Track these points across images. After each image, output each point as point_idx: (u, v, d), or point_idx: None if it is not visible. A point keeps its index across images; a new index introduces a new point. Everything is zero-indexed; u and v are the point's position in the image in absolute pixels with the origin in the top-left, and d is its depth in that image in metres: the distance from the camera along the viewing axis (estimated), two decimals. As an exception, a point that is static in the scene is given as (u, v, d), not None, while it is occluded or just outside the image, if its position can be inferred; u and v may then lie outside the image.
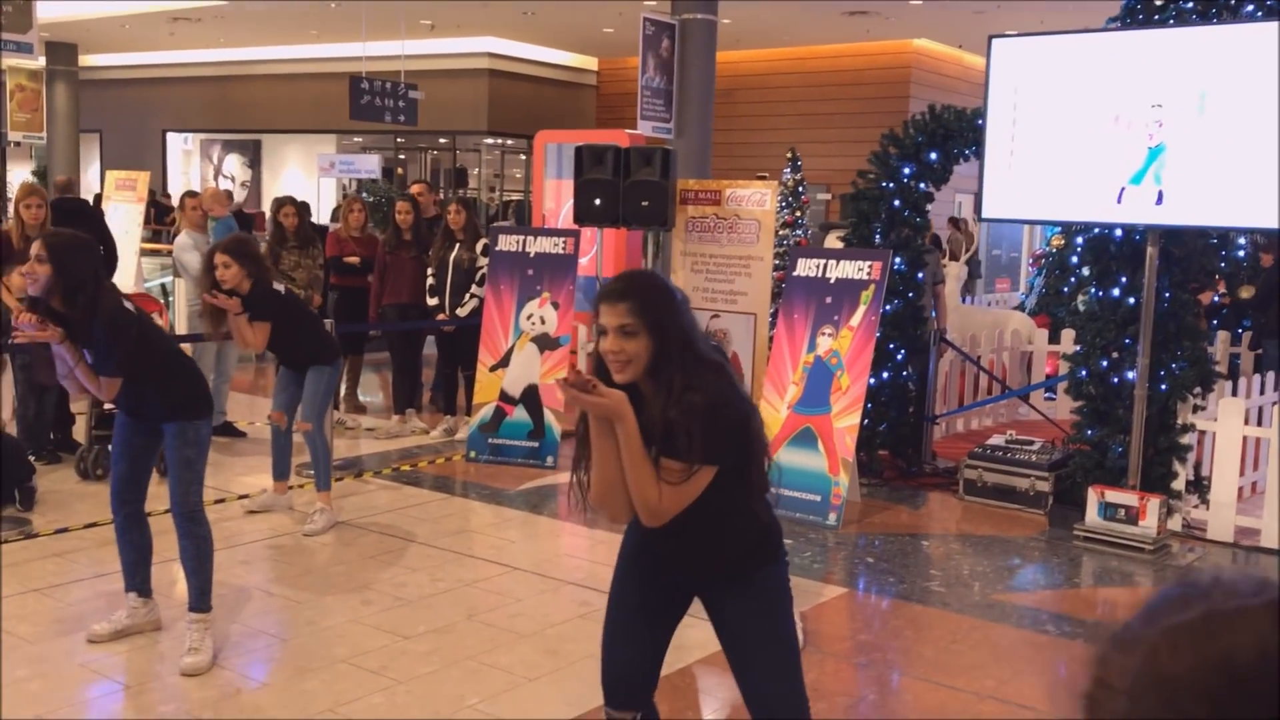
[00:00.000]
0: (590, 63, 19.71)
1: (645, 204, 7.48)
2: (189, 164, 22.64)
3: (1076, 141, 5.89)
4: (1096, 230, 6.30)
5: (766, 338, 7.06)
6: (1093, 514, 6.03)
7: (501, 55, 18.31)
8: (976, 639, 4.67)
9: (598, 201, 7.60)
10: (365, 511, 6.20)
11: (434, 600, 4.88)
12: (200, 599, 4.19)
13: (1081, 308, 9.71)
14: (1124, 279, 6.24)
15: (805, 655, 3.72)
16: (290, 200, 8.09)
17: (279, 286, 5.85)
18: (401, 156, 20.97)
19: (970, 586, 5.33)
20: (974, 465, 6.81)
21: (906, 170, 6.93)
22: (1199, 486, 6.26)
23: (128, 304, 4.16)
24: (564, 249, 7.38)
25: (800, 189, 9.07)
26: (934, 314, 7.52)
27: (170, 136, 22.35)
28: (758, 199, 7.52)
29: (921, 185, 6.98)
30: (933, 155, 6.89)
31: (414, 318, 8.03)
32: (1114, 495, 5.98)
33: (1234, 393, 6.52)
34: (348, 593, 4.94)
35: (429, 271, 7.90)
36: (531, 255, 7.44)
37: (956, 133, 6.79)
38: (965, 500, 6.79)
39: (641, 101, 13.52)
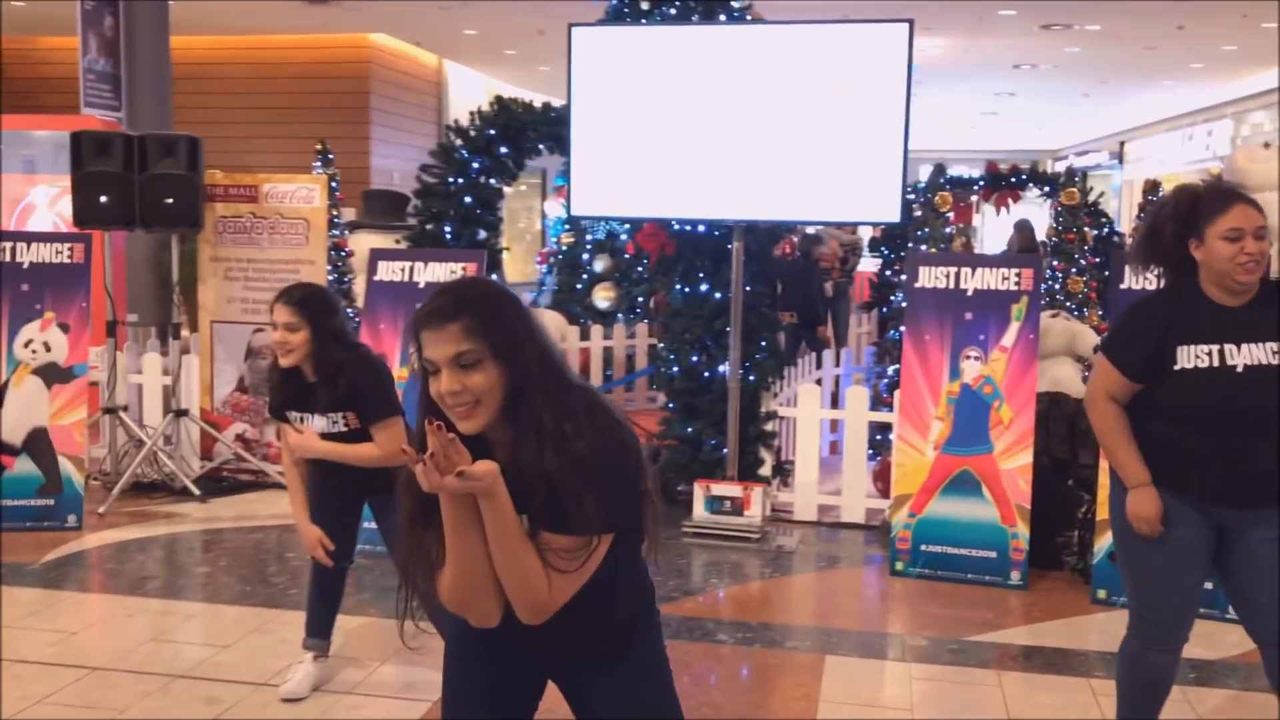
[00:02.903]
0: (-16, 41, 16.80)
1: (169, 201, 6.31)
2: None
3: (664, 137, 5.80)
4: (676, 226, 6.29)
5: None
6: (700, 509, 6.02)
7: None
8: (661, 661, 4.38)
9: (104, 199, 6.28)
10: None
11: (2, 733, 3.63)
12: None
13: (600, 305, 9.90)
14: (702, 274, 6.31)
15: None
16: None
17: None
18: None
19: (619, 603, 5.03)
20: (564, 472, 6.54)
21: (476, 165, 6.47)
22: (781, 471, 6.51)
23: None
24: (70, 257, 5.98)
25: (334, 185, 8.23)
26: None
27: None
28: (304, 195, 6.66)
29: (493, 181, 6.56)
30: (504, 149, 6.49)
31: None
32: (719, 488, 6.01)
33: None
34: None
35: None
36: (25, 266, 5.94)
37: (530, 125, 6.46)
38: (558, 509, 6.50)
39: (85, 85, 11.70)
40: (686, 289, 6.29)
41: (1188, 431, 2.94)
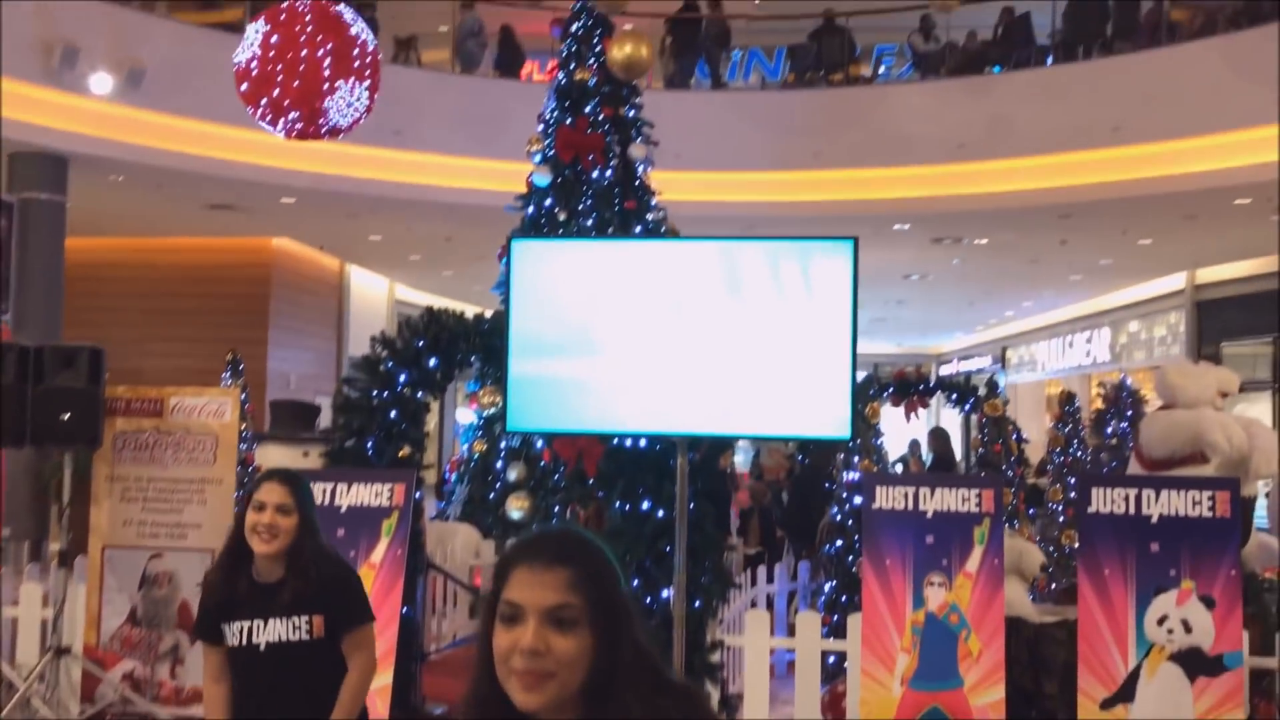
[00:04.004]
0: None
1: (66, 417, 5.82)
2: None
3: (604, 350, 5.59)
4: (615, 440, 6.01)
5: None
6: (645, 751, 5.52)
7: None
8: None
9: (-9, 414, 5.76)
10: None
11: None
12: None
13: (513, 515, 9.48)
14: (642, 490, 6.00)
15: None
16: None
17: None
18: None
19: None
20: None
21: (403, 377, 6.14)
22: (727, 705, 6.08)
23: None
24: (-50, 480, 5.42)
25: (244, 397, 7.80)
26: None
27: None
28: (215, 409, 6.22)
29: (420, 394, 6.23)
30: (433, 361, 6.19)
31: None
32: (666, 728, 5.54)
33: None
34: None
35: None
36: (-104, 490, 5.36)
37: (461, 336, 6.19)
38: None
39: (-30, 286, 11.20)
40: (627, 506, 5.96)
41: None
